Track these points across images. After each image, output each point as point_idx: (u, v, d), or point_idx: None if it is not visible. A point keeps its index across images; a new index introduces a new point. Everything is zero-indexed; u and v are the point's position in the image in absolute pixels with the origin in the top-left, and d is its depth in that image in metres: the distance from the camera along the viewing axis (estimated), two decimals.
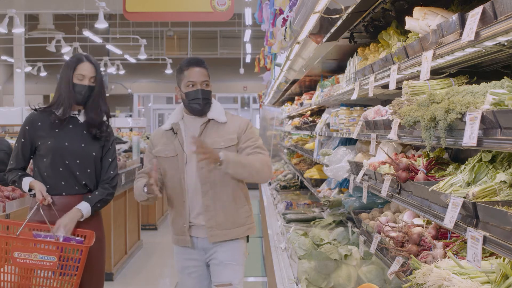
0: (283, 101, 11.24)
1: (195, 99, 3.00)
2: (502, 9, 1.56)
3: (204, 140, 2.97)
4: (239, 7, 13.14)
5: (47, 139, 3.09)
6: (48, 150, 3.07)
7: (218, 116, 3.06)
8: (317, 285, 3.59)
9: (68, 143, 3.10)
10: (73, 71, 3.09)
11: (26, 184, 3.05)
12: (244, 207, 3.08)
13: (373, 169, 3.07)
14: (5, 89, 23.60)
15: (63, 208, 3.05)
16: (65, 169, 3.09)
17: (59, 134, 3.10)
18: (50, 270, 2.85)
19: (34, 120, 3.14)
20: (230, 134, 3.03)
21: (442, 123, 1.91)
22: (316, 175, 6.05)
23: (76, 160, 3.10)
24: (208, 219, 3.00)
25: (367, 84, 3.10)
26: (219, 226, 3.00)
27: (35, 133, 3.11)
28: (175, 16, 9.99)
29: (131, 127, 18.24)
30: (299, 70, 5.62)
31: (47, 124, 3.12)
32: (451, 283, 1.90)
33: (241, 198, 3.06)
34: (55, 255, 2.84)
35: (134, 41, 18.13)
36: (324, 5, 2.96)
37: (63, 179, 3.09)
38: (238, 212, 3.05)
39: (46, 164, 3.08)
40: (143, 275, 6.45)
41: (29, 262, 2.83)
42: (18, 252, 2.83)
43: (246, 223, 3.08)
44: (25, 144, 3.12)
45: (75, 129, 3.14)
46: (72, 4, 15.14)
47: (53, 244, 2.86)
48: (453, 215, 1.86)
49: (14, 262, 2.83)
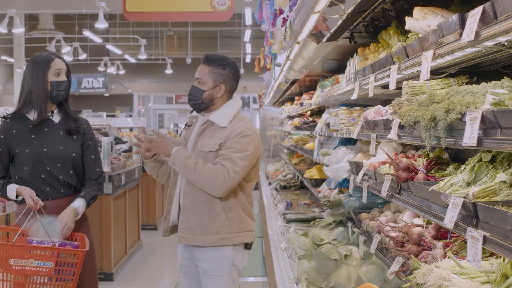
0: (283, 101, 11.23)
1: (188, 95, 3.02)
2: (502, 9, 1.56)
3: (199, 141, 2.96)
4: (239, 7, 13.13)
5: (24, 147, 2.97)
6: (27, 158, 2.97)
7: (218, 120, 2.96)
8: (317, 285, 3.59)
9: (46, 148, 2.99)
10: (48, 69, 2.97)
11: (12, 191, 2.95)
12: (219, 215, 2.90)
13: (373, 169, 3.07)
14: (5, 89, 23.60)
15: (54, 212, 2.98)
16: (48, 175, 3.00)
17: (36, 139, 2.99)
18: (46, 276, 2.80)
19: (8, 128, 3.00)
20: (217, 140, 2.92)
21: (442, 123, 1.91)
22: (316, 175, 6.05)
23: (57, 164, 3.01)
24: (182, 221, 2.96)
25: (367, 84, 3.10)
26: (191, 230, 2.93)
27: (11, 141, 2.99)
28: (175, 16, 10.00)
29: (131, 127, 18.23)
30: (299, 70, 5.62)
31: (22, 130, 2.99)
32: (451, 283, 1.90)
33: (217, 207, 2.91)
34: (52, 261, 2.79)
35: (134, 41, 18.14)
36: (324, 5, 2.96)
37: (47, 185, 3.01)
38: (212, 220, 2.90)
39: (26, 172, 2.98)
40: (143, 275, 6.45)
41: (25, 269, 2.77)
42: (14, 259, 2.76)
43: (221, 233, 2.90)
44: (2, 153, 3.01)
45: (52, 132, 3.03)
46: (72, 4, 15.13)
47: (50, 250, 2.80)
48: (453, 215, 1.86)
49: (9, 269, 2.77)
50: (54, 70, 2.97)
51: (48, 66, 2.97)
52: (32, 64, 3.00)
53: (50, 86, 2.97)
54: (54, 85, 2.98)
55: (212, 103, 2.98)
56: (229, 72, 2.98)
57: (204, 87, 2.95)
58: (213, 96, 2.97)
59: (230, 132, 2.90)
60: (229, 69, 2.97)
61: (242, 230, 2.96)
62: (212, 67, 2.95)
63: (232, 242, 2.93)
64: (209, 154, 2.90)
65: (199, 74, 2.96)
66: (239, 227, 2.95)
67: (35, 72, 2.97)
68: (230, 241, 2.93)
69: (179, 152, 2.87)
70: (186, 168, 2.84)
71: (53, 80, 2.97)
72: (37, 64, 2.99)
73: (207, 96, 2.96)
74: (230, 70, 2.98)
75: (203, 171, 2.82)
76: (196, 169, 2.82)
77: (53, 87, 2.98)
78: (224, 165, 2.83)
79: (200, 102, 2.96)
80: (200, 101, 2.96)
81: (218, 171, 2.81)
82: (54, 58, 3.01)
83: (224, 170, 2.81)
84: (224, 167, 2.82)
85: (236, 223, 2.94)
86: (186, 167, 2.84)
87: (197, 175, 2.83)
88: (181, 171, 2.89)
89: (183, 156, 2.86)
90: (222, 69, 2.96)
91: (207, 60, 2.96)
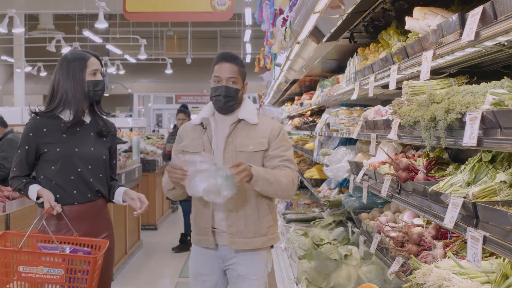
0: (283, 101, 11.23)
1: (217, 95, 2.84)
2: (502, 9, 1.56)
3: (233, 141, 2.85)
4: (239, 7, 13.13)
5: (55, 146, 2.85)
6: (57, 157, 2.84)
7: (249, 117, 2.88)
8: (317, 285, 3.59)
9: (78, 148, 2.87)
10: (85, 68, 2.86)
11: (34, 192, 2.82)
12: (266, 216, 2.88)
13: (373, 169, 3.07)
14: (5, 89, 23.61)
15: (75, 217, 2.85)
16: (77, 177, 2.87)
17: (68, 139, 2.87)
18: (57, 284, 2.64)
19: (38, 126, 2.87)
20: (260, 138, 2.85)
21: (442, 123, 1.91)
22: (316, 175, 6.05)
23: (88, 166, 2.89)
24: (230, 225, 2.84)
25: (367, 84, 3.10)
26: (241, 234, 2.83)
27: (40, 140, 2.85)
28: (175, 16, 10.00)
29: (131, 127, 18.26)
30: (299, 70, 5.62)
31: (53, 129, 2.87)
32: (451, 283, 1.90)
33: (264, 207, 2.88)
34: (62, 268, 2.63)
35: (134, 41, 18.14)
36: (324, 5, 2.96)
37: (75, 188, 2.87)
38: (260, 221, 2.86)
39: (54, 172, 2.85)
40: (143, 275, 6.45)
41: (35, 276, 2.62)
42: (23, 266, 2.62)
43: (268, 233, 2.89)
44: (30, 151, 2.87)
45: (84, 132, 2.92)
46: (72, 4, 15.13)
47: (59, 256, 2.64)
48: (453, 215, 1.86)
49: (19, 277, 2.62)
50: (91, 70, 2.87)
51: (85, 65, 2.86)
52: (66, 63, 2.87)
53: (87, 86, 2.86)
54: (92, 85, 2.87)
55: (239, 102, 2.94)
56: (245, 69, 2.97)
57: (239, 86, 2.88)
58: (241, 95, 2.93)
59: (271, 130, 2.88)
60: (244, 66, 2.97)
61: (276, 231, 2.98)
62: (239, 65, 2.90)
63: (275, 242, 2.94)
64: (254, 154, 2.84)
65: (232, 73, 2.85)
66: (276, 227, 2.96)
67: (71, 72, 2.85)
68: (274, 241, 2.94)
69: (257, 170, 2.73)
70: (269, 184, 2.75)
71: (90, 80, 2.87)
72: (73, 62, 2.86)
73: (240, 95, 2.91)
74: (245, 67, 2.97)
75: (283, 180, 2.78)
76: (277, 180, 2.77)
77: (91, 87, 2.87)
78: (291, 167, 2.86)
79: (236, 102, 2.89)
80: (237, 101, 2.89)
81: (292, 174, 2.84)
82: (90, 56, 2.90)
83: (293, 172, 2.86)
84: (291, 169, 2.85)
85: (276, 224, 2.96)
86: (269, 183, 2.75)
87: (279, 186, 2.78)
88: (262, 188, 2.76)
89: (262, 172, 2.74)
90: (244, 67, 2.94)
91: (233, 58, 2.90)
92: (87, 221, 2.90)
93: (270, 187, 2.76)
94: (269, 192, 2.81)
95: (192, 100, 25.44)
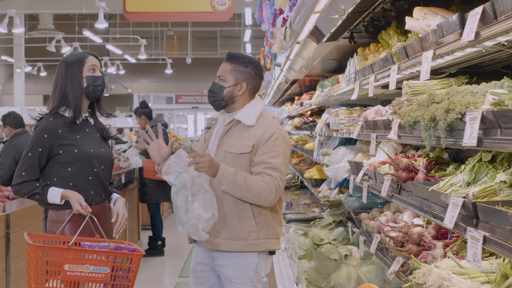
0: (283, 101, 11.24)
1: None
2: (502, 9, 1.56)
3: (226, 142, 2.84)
4: (239, 7, 13.14)
5: (71, 147, 2.82)
6: (74, 158, 2.82)
7: (244, 118, 2.85)
8: (317, 285, 3.60)
9: (93, 149, 2.88)
10: (82, 66, 2.87)
11: (57, 194, 2.76)
12: (249, 220, 2.79)
13: (373, 169, 3.07)
14: (5, 89, 23.61)
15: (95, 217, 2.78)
16: (94, 177, 2.87)
17: (82, 140, 2.86)
18: (102, 282, 2.57)
19: (54, 127, 2.82)
20: (248, 141, 2.79)
21: (442, 123, 1.91)
22: (316, 175, 6.05)
23: (102, 166, 2.90)
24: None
25: (367, 84, 3.10)
26: (218, 234, 2.80)
27: (55, 142, 2.81)
28: (175, 16, 10.01)
29: (131, 127, 18.25)
30: (299, 70, 5.62)
31: (67, 130, 2.84)
32: (451, 283, 1.90)
33: (246, 211, 2.79)
34: (108, 266, 2.56)
35: (134, 41, 18.13)
36: (324, 5, 2.96)
37: (92, 188, 2.86)
38: (240, 225, 2.79)
39: (71, 173, 2.82)
40: (143, 275, 6.45)
41: (80, 275, 2.54)
42: (69, 265, 2.54)
43: (249, 238, 2.79)
44: (43, 154, 2.80)
45: (92, 133, 2.94)
46: (72, 4, 15.14)
47: (106, 254, 2.58)
48: (453, 215, 1.86)
49: (64, 275, 2.53)
50: (89, 66, 2.87)
51: (82, 63, 2.87)
52: (65, 64, 2.90)
53: (86, 81, 2.86)
54: (90, 81, 2.87)
55: (232, 101, 2.90)
56: (252, 70, 2.90)
57: (224, 84, 2.87)
58: (233, 94, 2.88)
59: (262, 133, 2.80)
60: (251, 67, 2.90)
61: (269, 237, 2.85)
62: (234, 64, 2.89)
63: (259, 248, 2.82)
64: (240, 156, 2.79)
65: (221, 72, 2.89)
66: (266, 233, 2.84)
67: (69, 71, 2.86)
68: (257, 247, 2.82)
69: (225, 169, 2.67)
70: (236, 186, 2.68)
71: (88, 75, 2.87)
72: (71, 63, 2.88)
73: (227, 93, 2.87)
74: (252, 68, 2.91)
75: (254, 186, 2.69)
76: (247, 185, 2.68)
77: (89, 83, 2.86)
78: (272, 175, 2.73)
79: (220, 98, 2.88)
80: (220, 97, 2.87)
81: (269, 182, 2.71)
82: (88, 55, 2.92)
83: (274, 180, 2.73)
84: (273, 177, 2.73)
85: (264, 229, 2.83)
86: (235, 185, 2.67)
87: (248, 191, 2.69)
88: (229, 190, 2.70)
89: (230, 173, 2.67)
90: (245, 67, 2.89)
91: (230, 57, 2.91)
92: (102, 221, 2.85)
93: (238, 190, 2.69)
94: (239, 196, 2.73)
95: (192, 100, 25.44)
